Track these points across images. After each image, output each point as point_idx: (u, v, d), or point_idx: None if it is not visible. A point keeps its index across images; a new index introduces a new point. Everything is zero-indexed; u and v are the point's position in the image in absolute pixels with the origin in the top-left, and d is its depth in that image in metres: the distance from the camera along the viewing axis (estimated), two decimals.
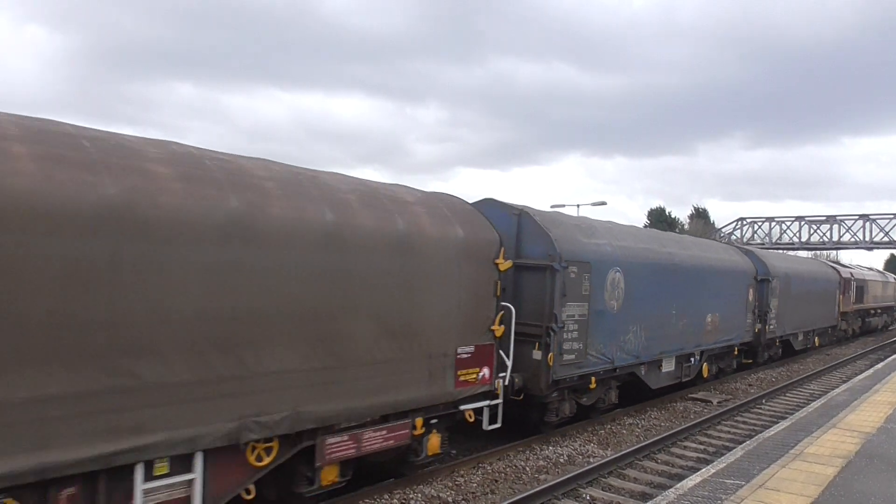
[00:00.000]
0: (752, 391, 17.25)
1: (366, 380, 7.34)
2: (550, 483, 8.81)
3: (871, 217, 57.47)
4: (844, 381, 17.42)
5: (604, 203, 41.50)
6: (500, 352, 9.42)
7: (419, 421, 8.28)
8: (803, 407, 13.41)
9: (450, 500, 8.41)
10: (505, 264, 9.28)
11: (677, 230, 66.59)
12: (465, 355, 8.73)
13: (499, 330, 9.26)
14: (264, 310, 6.28)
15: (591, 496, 8.85)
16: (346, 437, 7.33)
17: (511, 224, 10.92)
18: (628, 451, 10.62)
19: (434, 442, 8.71)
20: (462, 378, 8.72)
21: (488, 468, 9.71)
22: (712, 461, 9.59)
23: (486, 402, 9.30)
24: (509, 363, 9.60)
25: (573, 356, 11.15)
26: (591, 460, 10.29)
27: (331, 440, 7.16)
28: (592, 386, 11.94)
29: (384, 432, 7.79)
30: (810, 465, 7.99)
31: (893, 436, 9.62)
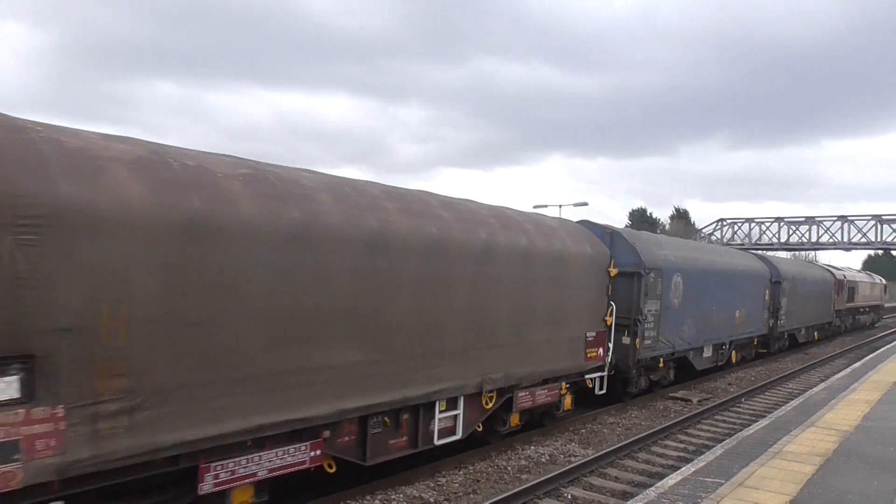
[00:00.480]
0: (732, 390, 17.39)
1: (539, 354, 10.69)
2: (532, 482, 8.81)
3: (849, 218, 58.26)
4: (823, 380, 17.62)
5: (585, 204, 41.64)
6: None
7: (564, 385, 11.69)
8: (782, 406, 13.53)
9: (432, 500, 8.38)
10: (613, 272, 12.72)
11: (658, 231, 67.09)
12: (591, 338, 12.18)
13: (609, 320, 12.66)
14: (496, 308, 9.67)
15: (572, 495, 8.86)
16: (527, 393, 10.73)
17: (605, 240, 13.53)
18: (609, 450, 10.65)
19: (568, 400, 12.09)
20: (589, 355, 12.18)
21: (470, 468, 9.70)
22: (692, 460, 9.64)
23: (600, 374, 12.85)
24: (611, 346, 12.86)
25: (650, 342, 14.61)
26: (573, 459, 10.31)
27: (520, 394, 10.56)
28: (661, 365, 15.63)
29: (546, 391, 11.20)
30: (789, 464, 8.06)
31: (871, 434, 9.73)
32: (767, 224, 62.69)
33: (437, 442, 8.96)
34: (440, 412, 8.92)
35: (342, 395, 7.26)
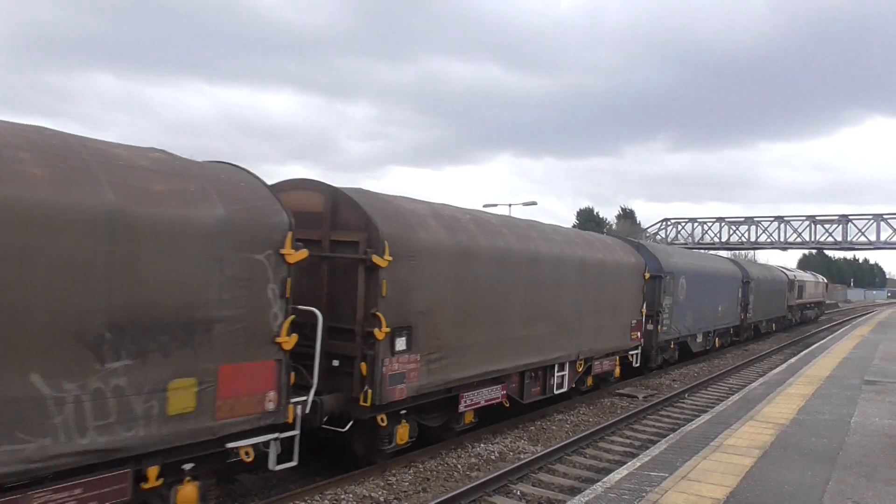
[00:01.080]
0: (676, 386, 17.84)
1: (607, 333, 14.83)
2: (482, 480, 8.86)
3: (785, 219, 60.43)
4: (761, 376, 18.21)
5: (534, 203, 42.16)
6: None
7: (617, 359, 15.90)
8: (723, 400, 13.92)
9: (381, 499, 8.34)
10: (647, 276, 16.92)
11: (605, 230, 68.33)
12: (633, 323, 16.28)
13: (644, 311, 16.80)
14: (586, 301, 13.81)
15: (521, 492, 8.95)
16: (599, 363, 14.86)
17: (637, 251, 17.66)
18: (558, 446, 10.80)
19: (618, 371, 16.15)
20: (632, 337, 16.31)
21: (420, 467, 9.69)
22: (638, 454, 9.84)
23: (636, 352, 16.90)
24: (642, 331, 16.97)
25: (666, 328, 19.35)
26: (522, 456, 10.41)
27: (596, 362, 14.74)
28: (672, 347, 20.56)
29: (609, 362, 15.42)
30: (730, 457, 8.31)
31: (805, 427, 10.11)
32: (709, 224, 64.54)
33: (555, 392, 12.97)
34: (557, 372, 12.96)
35: (516, 357, 11.49)
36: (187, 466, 6.42)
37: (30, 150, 5.48)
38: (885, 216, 55.44)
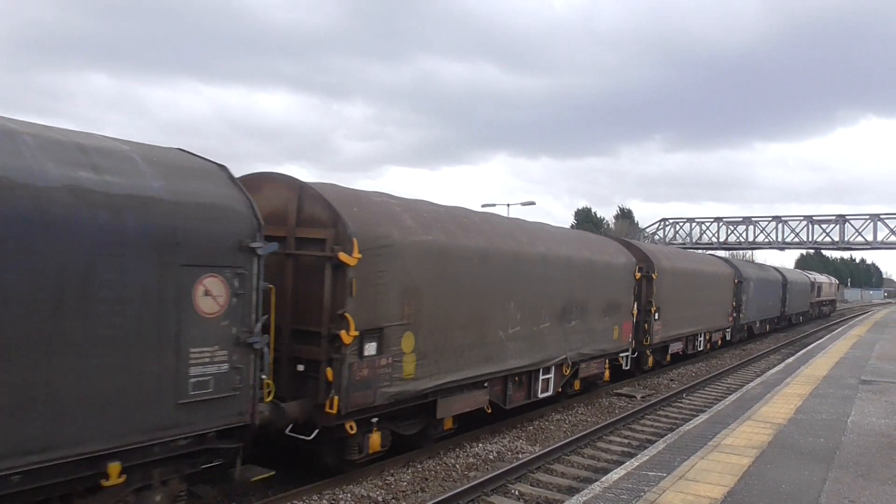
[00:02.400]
0: (674, 386, 17.86)
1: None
2: (480, 480, 8.87)
3: (783, 219, 60.51)
4: (759, 375, 18.24)
5: (532, 203, 42.18)
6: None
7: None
8: (721, 400, 13.94)
9: (380, 499, 8.35)
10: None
11: (602, 230, 68.39)
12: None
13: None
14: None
15: (519, 492, 8.96)
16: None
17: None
18: (556, 446, 10.81)
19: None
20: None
21: (418, 466, 9.70)
22: (636, 454, 9.86)
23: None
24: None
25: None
26: (520, 456, 10.42)
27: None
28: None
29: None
30: (727, 456, 8.33)
31: (802, 426, 10.14)
32: (707, 224, 64.58)
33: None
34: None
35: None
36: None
37: (409, 212, 9.61)
38: (881, 216, 55.54)
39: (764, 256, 78.79)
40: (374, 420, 8.80)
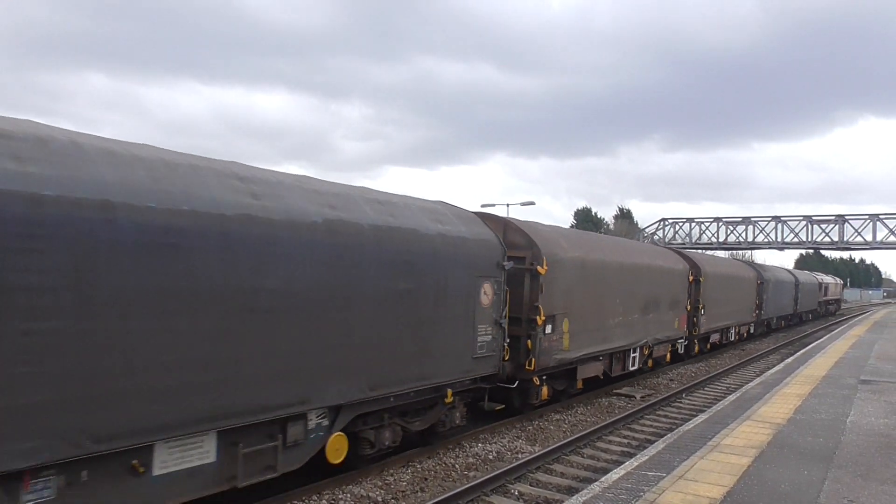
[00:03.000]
0: (674, 386, 17.88)
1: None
2: (479, 480, 8.88)
3: (782, 219, 60.56)
4: (758, 375, 18.26)
5: (532, 203, 42.20)
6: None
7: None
8: (720, 400, 13.96)
9: (379, 499, 8.36)
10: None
11: (602, 230, 68.39)
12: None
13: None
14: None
15: (519, 492, 8.97)
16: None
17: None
18: (555, 446, 10.82)
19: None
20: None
21: (418, 466, 9.71)
22: (635, 454, 9.87)
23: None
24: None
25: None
26: (520, 456, 10.43)
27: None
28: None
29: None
30: (727, 456, 8.34)
31: (802, 426, 10.15)
32: (707, 224, 64.61)
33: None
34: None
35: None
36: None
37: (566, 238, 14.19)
38: (881, 216, 55.59)
39: (763, 256, 78.86)
40: (544, 378, 13.00)
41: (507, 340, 11.35)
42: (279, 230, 7.17)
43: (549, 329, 12.48)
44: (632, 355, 16.66)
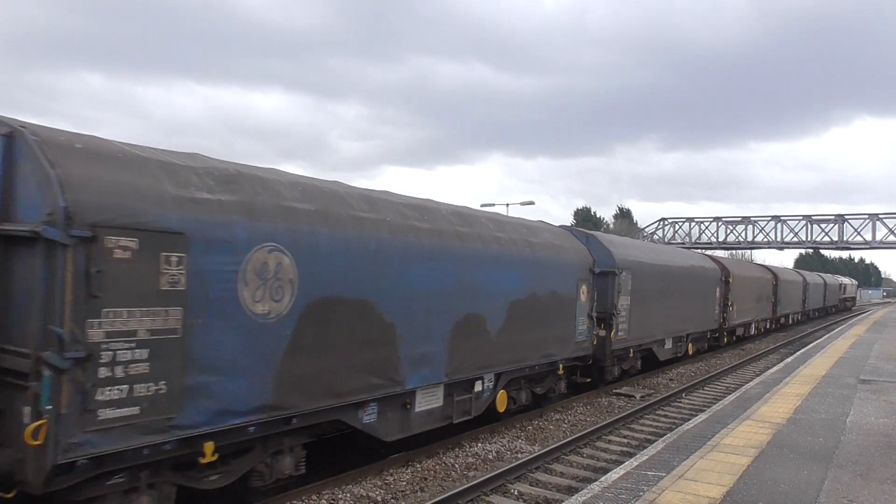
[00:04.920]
0: (673, 385, 17.88)
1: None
2: (479, 480, 8.87)
3: (781, 218, 60.55)
4: (758, 375, 18.25)
5: (532, 203, 42.25)
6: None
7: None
8: (720, 400, 13.94)
9: (379, 498, 8.36)
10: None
11: (602, 230, 68.33)
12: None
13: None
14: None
15: (518, 491, 8.97)
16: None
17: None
18: (555, 446, 10.82)
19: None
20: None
21: (418, 466, 9.71)
22: (635, 454, 9.87)
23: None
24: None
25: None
26: (520, 456, 10.43)
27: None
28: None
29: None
30: (726, 456, 8.34)
31: (801, 426, 10.14)
32: (706, 223, 64.61)
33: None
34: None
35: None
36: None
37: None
38: (880, 216, 55.59)
39: (763, 256, 78.93)
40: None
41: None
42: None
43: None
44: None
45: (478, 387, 11.01)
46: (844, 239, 57.52)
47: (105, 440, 5.61)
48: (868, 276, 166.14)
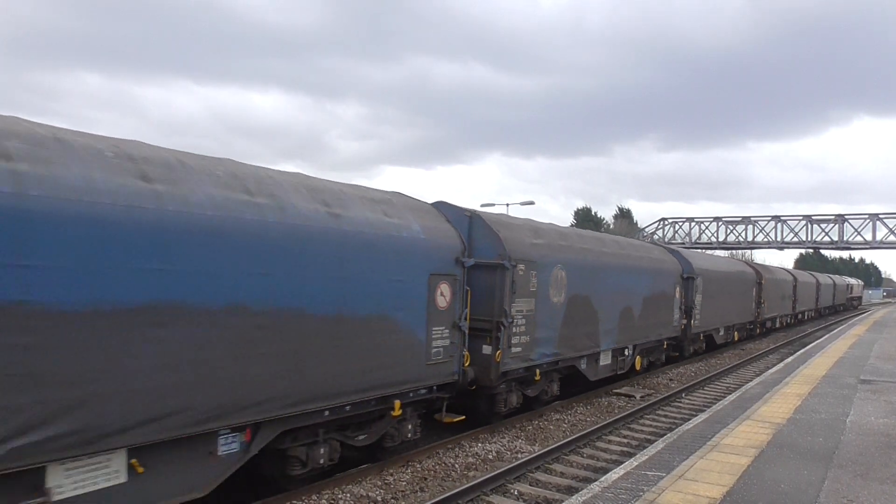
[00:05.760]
0: (673, 385, 17.87)
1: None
2: (479, 480, 8.87)
3: (782, 218, 60.59)
4: (758, 375, 18.25)
5: (532, 203, 42.24)
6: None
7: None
8: (720, 400, 13.95)
9: (379, 498, 8.36)
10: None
11: (602, 229, 68.33)
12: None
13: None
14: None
15: (518, 491, 8.97)
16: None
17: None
18: (555, 446, 10.82)
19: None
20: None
21: (418, 466, 9.71)
22: (635, 454, 9.87)
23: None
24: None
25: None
26: (519, 456, 10.43)
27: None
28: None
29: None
30: (726, 456, 8.34)
31: (801, 426, 10.15)
32: (706, 223, 64.64)
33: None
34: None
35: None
36: None
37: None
38: (880, 216, 55.61)
39: (763, 256, 78.92)
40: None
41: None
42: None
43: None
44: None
45: (626, 353, 16.58)
46: (844, 239, 57.56)
47: (512, 362, 11.59)
48: (868, 276, 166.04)
